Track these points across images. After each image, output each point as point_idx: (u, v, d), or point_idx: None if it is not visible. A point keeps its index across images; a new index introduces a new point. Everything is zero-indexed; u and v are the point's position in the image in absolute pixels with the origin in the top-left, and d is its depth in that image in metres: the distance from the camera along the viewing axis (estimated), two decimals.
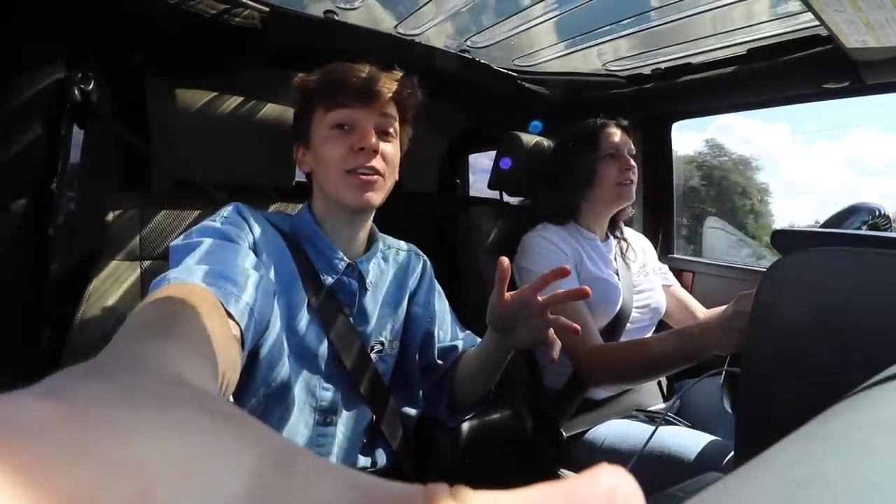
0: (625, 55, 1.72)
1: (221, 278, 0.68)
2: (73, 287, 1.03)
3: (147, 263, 1.07)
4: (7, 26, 1.03)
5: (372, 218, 1.04)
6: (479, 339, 1.13)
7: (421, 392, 1.10)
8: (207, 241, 0.77)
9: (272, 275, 0.87)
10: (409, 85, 0.99)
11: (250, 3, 1.31)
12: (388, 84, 0.94)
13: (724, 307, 1.48)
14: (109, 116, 1.47)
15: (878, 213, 1.04)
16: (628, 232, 1.70)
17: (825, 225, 1.06)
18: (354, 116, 0.92)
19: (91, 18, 1.14)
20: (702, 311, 1.56)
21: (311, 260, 0.94)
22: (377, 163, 0.92)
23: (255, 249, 0.86)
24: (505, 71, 1.78)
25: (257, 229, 0.89)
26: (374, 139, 0.91)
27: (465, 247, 1.60)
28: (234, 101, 1.17)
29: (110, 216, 1.08)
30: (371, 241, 1.06)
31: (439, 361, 1.10)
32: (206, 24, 1.25)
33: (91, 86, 1.10)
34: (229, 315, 0.64)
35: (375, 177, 0.92)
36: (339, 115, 0.92)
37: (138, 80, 1.54)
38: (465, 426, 1.12)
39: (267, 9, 1.33)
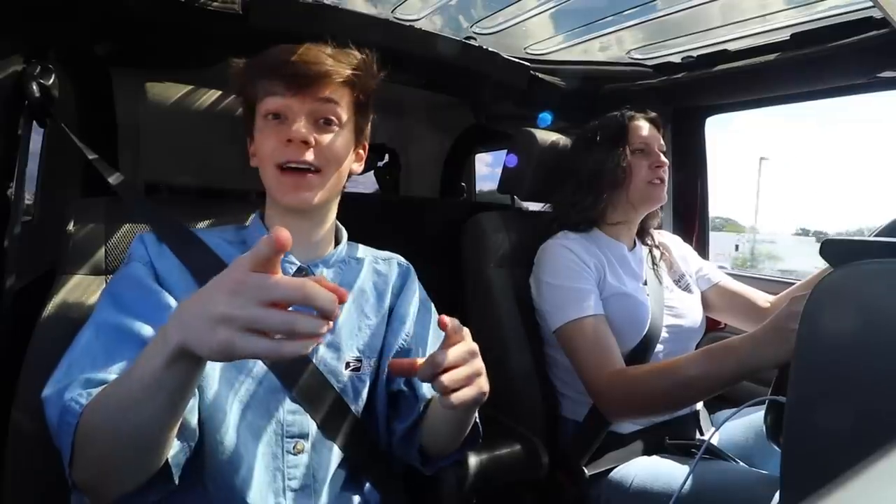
0: (651, 41, 1.72)
1: None
2: (33, 304, 1.03)
3: None
4: None
5: (332, 216, 1.05)
6: None
7: (392, 433, 1.06)
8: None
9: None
10: (362, 64, 0.98)
11: None
12: (329, 65, 0.93)
13: (788, 290, 1.49)
14: (72, 114, 1.48)
15: None
16: (667, 237, 1.70)
17: (881, 234, 1.05)
18: (285, 104, 0.92)
19: (51, 4, 1.15)
20: (765, 300, 1.55)
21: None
22: (310, 156, 0.92)
23: (160, 285, 0.90)
24: (516, 60, 1.79)
25: (161, 265, 0.93)
26: (303, 130, 0.90)
27: (472, 257, 1.60)
28: (212, 95, 1.17)
29: (73, 225, 1.08)
30: (337, 245, 1.06)
31: (418, 387, 1.05)
32: (180, 9, 1.26)
33: (52, 80, 1.11)
34: None
35: (308, 174, 0.93)
36: (270, 103, 0.93)
37: (104, 72, 1.55)
38: (473, 461, 1.11)
39: None
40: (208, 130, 1.17)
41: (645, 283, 1.45)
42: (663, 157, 1.44)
